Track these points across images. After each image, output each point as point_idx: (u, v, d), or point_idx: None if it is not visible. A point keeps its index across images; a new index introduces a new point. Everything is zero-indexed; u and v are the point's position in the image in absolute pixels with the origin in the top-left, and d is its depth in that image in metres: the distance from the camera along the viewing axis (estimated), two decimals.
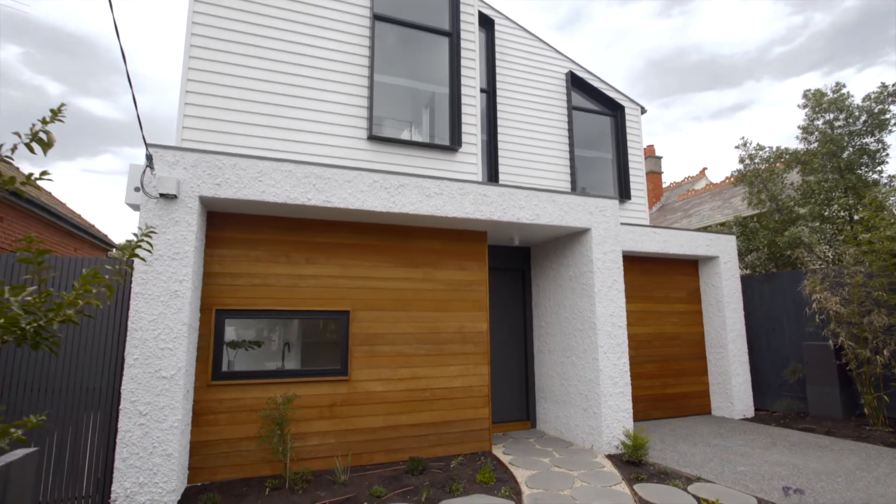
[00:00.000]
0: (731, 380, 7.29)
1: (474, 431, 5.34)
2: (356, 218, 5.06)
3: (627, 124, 9.10)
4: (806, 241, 7.93)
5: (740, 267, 9.22)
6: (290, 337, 5.14)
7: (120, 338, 4.10)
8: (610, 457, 5.14)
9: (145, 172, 4.07)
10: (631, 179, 8.90)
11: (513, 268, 6.90)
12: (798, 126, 8.97)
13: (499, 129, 7.89)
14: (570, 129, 8.48)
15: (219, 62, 5.78)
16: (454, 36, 7.01)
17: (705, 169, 17.71)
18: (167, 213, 4.14)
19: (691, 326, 7.72)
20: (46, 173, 2.05)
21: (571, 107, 8.60)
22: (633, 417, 6.57)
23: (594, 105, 9.07)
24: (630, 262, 7.06)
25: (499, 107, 7.98)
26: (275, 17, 6.10)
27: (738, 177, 9.55)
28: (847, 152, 8.25)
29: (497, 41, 8.18)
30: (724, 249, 7.67)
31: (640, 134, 9.23)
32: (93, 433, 3.94)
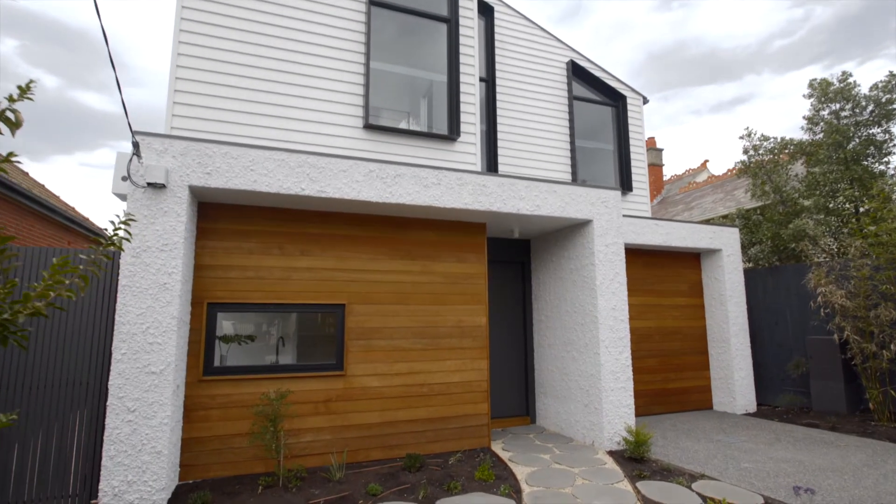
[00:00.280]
0: (734, 374, 7.19)
1: (473, 427, 5.24)
2: (352, 209, 4.92)
3: (629, 114, 8.93)
4: (811, 234, 7.80)
5: (743, 260, 9.09)
6: (285, 331, 5.02)
7: (107, 332, 3.97)
8: (611, 453, 5.04)
9: (132, 161, 3.92)
10: (633, 171, 8.75)
11: (512, 260, 6.77)
12: (803, 116, 8.82)
13: (498, 120, 7.72)
14: (571, 120, 8.31)
15: (209, 48, 5.61)
16: (452, 22, 6.83)
17: (707, 161, 17.53)
18: (155, 203, 3.99)
19: (693, 320, 7.61)
20: (13, 154, 1.90)
21: (572, 96, 8.43)
22: (634, 412, 6.46)
23: (595, 95, 8.90)
24: (631, 255, 6.93)
25: (498, 96, 7.81)
26: (268, 2, 5.92)
27: (742, 168, 9.40)
28: (853, 143, 8.10)
29: (496, 29, 8.00)
30: (728, 242, 7.54)
31: (643, 124, 9.07)
32: (80, 430, 3.82)
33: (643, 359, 6.97)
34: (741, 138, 9.28)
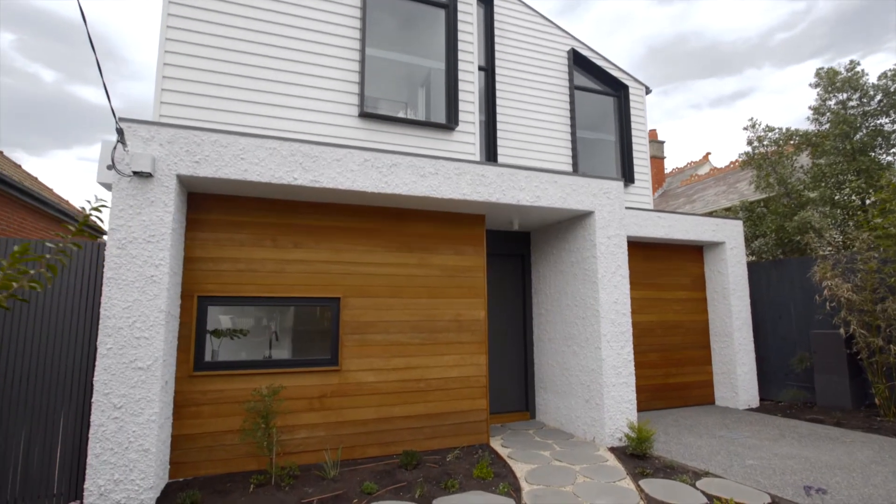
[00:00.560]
0: (736, 369, 7.08)
1: (471, 423, 5.12)
2: (347, 199, 4.77)
3: (631, 105, 8.76)
4: (816, 227, 7.65)
5: (746, 253, 8.95)
6: (278, 325, 4.89)
7: (92, 326, 3.84)
8: (613, 450, 4.93)
9: (116, 148, 3.76)
10: (635, 162, 8.59)
11: (512, 253, 6.63)
12: (809, 107, 8.64)
13: (498, 110, 7.55)
14: (572, 110, 8.14)
15: (199, 32, 5.43)
16: (451, 8, 6.64)
17: (709, 154, 17.34)
18: (142, 193, 3.84)
19: (695, 314, 7.48)
20: None
21: (573, 86, 8.25)
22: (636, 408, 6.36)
23: (597, 84, 8.71)
24: (632, 248, 6.78)
25: (498, 86, 7.63)
26: None
27: (746, 160, 9.23)
28: (860, 133, 7.94)
29: (496, 16, 7.80)
30: (731, 235, 7.40)
31: (645, 115, 8.89)
32: (64, 427, 3.70)
33: (644, 353, 6.85)
34: (745, 129, 9.11)
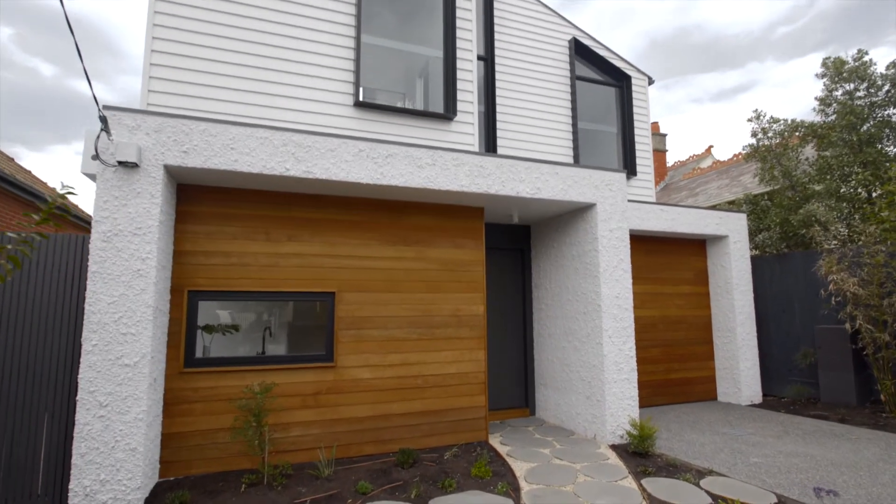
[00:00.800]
0: (739, 364, 6.97)
1: (469, 420, 5.02)
2: (342, 191, 4.63)
3: (634, 96, 8.59)
4: (822, 220, 7.51)
5: (749, 247, 8.82)
6: (272, 321, 4.77)
7: (77, 322, 3.72)
8: (614, 447, 4.83)
9: (100, 137, 3.62)
10: (637, 154, 8.44)
11: (511, 247, 6.50)
12: (815, 97, 8.47)
13: (497, 100, 7.39)
14: (574, 100, 7.97)
15: (187, 18, 5.27)
16: None
17: (711, 147, 17.16)
18: (128, 184, 3.71)
19: (698, 309, 7.37)
20: None
21: (575, 76, 8.08)
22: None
23: (599, 75, 8.54)
24: (634, 242, 6.64)
25: (497, 76, 7.46)
26: None
27: (750, 152, 9.07)
28: (867, 125, 7.77)
29: (496, 4, 7.62)
30: (735, 228, 7.27)
31: (648, 106, 8.72)
32: (48, 426, 3.59)
33: (646, 349, 6.74)
34: (749, 121, 8.94)
